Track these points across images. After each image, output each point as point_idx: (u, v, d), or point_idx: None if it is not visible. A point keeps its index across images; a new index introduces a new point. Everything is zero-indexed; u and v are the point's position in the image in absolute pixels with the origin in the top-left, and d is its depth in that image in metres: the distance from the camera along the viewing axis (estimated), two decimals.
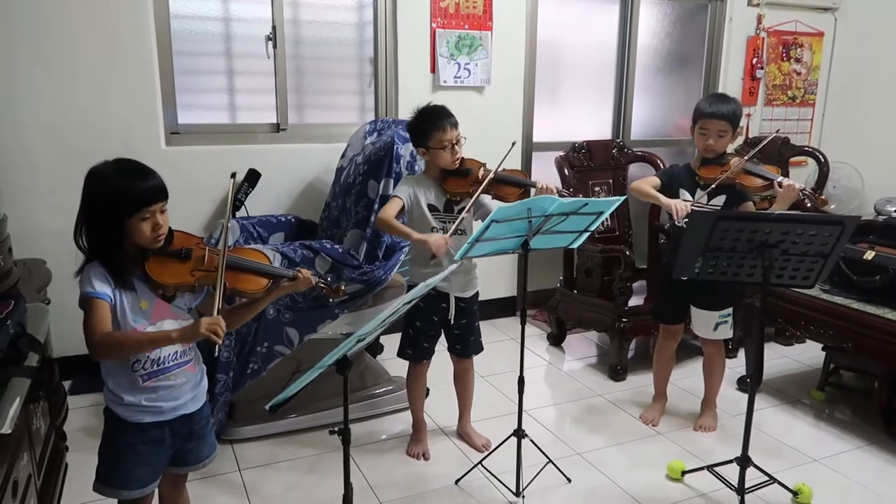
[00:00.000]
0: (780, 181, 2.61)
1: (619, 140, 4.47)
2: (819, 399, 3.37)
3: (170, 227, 1.71)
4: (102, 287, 1.61)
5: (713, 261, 2.22)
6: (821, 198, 2.71)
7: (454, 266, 2.19)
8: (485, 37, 4.02)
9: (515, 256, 4.33)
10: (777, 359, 3.87)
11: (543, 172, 4.34)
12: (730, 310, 2.89)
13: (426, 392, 2.95)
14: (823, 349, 3.39)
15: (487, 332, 2.85)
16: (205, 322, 1.58)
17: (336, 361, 1.73)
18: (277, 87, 3.72)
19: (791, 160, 4.66)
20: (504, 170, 2.60)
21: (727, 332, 2.93)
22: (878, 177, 4.87)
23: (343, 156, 3.44)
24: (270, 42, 3.65)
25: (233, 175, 1.85)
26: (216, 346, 1.61)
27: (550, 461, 2.64)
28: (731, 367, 3.64)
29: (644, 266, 4.21)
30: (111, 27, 3.22)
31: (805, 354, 3.89)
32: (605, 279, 3.79)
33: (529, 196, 2.45)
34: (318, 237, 3.29)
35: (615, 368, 3.59)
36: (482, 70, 4.04)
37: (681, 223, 2.61)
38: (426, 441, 2.85)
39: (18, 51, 3.09)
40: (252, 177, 3.52)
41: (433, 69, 3.94)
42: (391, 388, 3.16)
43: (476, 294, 2.74)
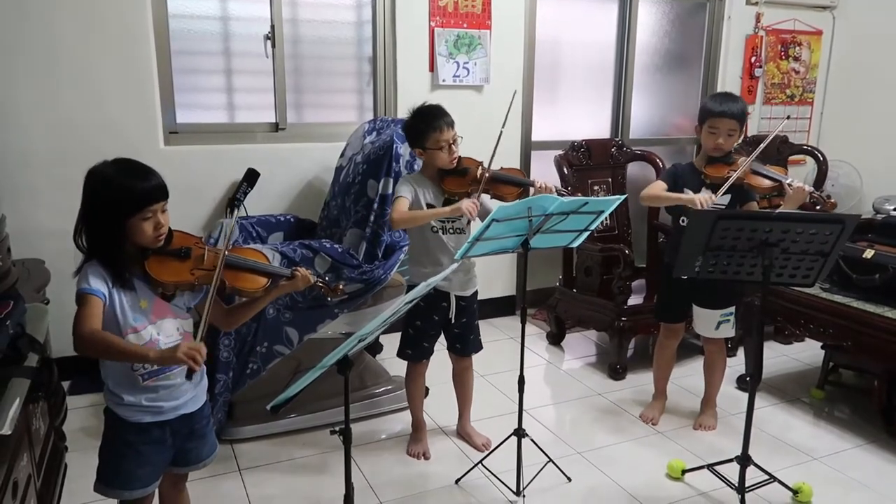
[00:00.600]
0: (790, 183, 2.59)
1: (618, 139, 4.47)
2: (818, 398, 3.38)
3: (169, 227, 1.71)
4: (98, 284, 1.61)
5: (713, 259, 2.22)
6: (830, 201, 2.62)
7: (455, 265, 2.19)
8: (483, 36, 4.02)
9: (514, 255, 4.34)
10: (776, 357, 3.87)
11: (542, 171, 4.34)
12: (732, 308, 2.89)
13: (426, 391, 2.95)
14: (823, 348, 3.39)
15: (486, 332, 2.85)
16: (184, 346, 1.55)
17: (337, 361, 1.73)
18: (276, 87, 3.71)
19: (790, 158, 4.66)
20: (502, 169, 2.60)
21: (729, 331, 2.93)
22: (877, 175, 4.88)
23: (342, 155, 3.43)
24: (269, 41, 3.65)
25: (234, 196, 1.84)
26: (192, 374, 1.59)
27: (551, 460, 2.64)
28: (731, 366, 3.63)
29: (643, 265, 4.21)
30: (109, 27, 3.21)
31: (804, 353, 3.89)
32: (605, 278, 3.79)
33: (528, 195, 2.44)
34: (318, 236, 3.28)
35: (615, 367, 3.59)
36: (481, 69, 4.04)
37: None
38: (426, 440, 2.85)
39: (16, 50, 3.08)
40: (251, 176, 3.51)
41: (432, 68, 3.94)
42: (391, 388, 3.16)
43: (476, 293, 2.74)
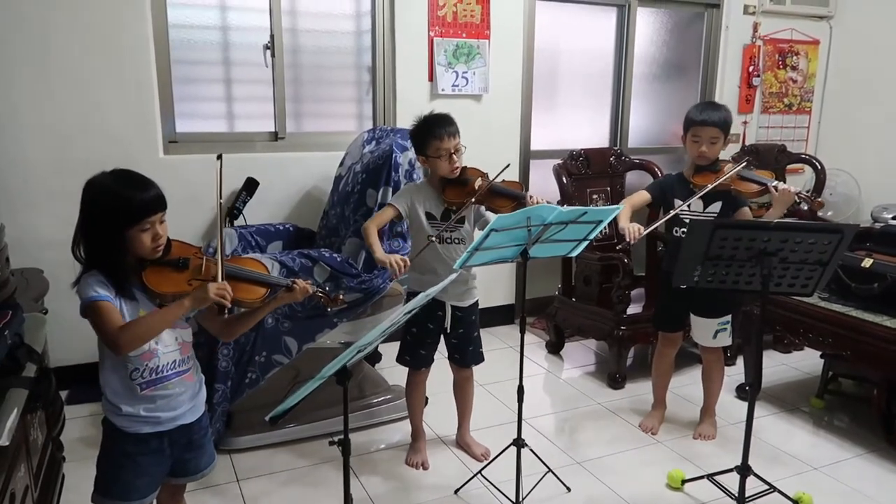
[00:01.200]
0: (776, 185, 2.64)
1: (617, 148, 4.48)
2: (818, 407, 3.37)
3: (168, 237, 1.71)
4: (104, 291, 1.61)
5: (712, 269, 2.22)
6: (817, 200, 2.73)
7: (454, 275, 2.19)
8: (482, 45, 4.03)
9: (513, 265, 4.34)
10: (776, 366, 3.86)
11: (541, 180, 4.35)
12: (729, 317, 2.90)
13: (425, 401, 2.94)
14: (822, 357, 3.38)
15: (486, 341, 2.84)
16: (213, 286, 1.63)
17: (336, 372, 1.72)
18: (276, 96, 3.72)
19: (788, 167, 4.67)
20: (502, 182, 2.61)
21: (726, 340, 2.93)
22: (875, 184, 4.89)
23: (341, 164, 3.44)
24: (269, 51, 3.66)
25: (219, 157, 1.83)
26: (225, 311, 1.67)
27: (550, 470, 2.63)
28: (730, 375, 3.63)
29: (642, 274, 4.21)
30: (109, 36, 3.22)
31: (803, 362, 3.89)
32: (604, 287, 3.79)
33: (523, 207, 2.44)
34: (317, 246, 3.28)
35: (614, 376, 3.58)
36: (480, 78, 4.05)
37: (632, 245, 2.60)
38: (425, 450, 2.84)
39: (16, 60, 3.08)
40: (250, 185, 3.52)
41: (431, 77, 3.95)
42: (389, 398, 3.15)
43: (475, 304, 2.72)
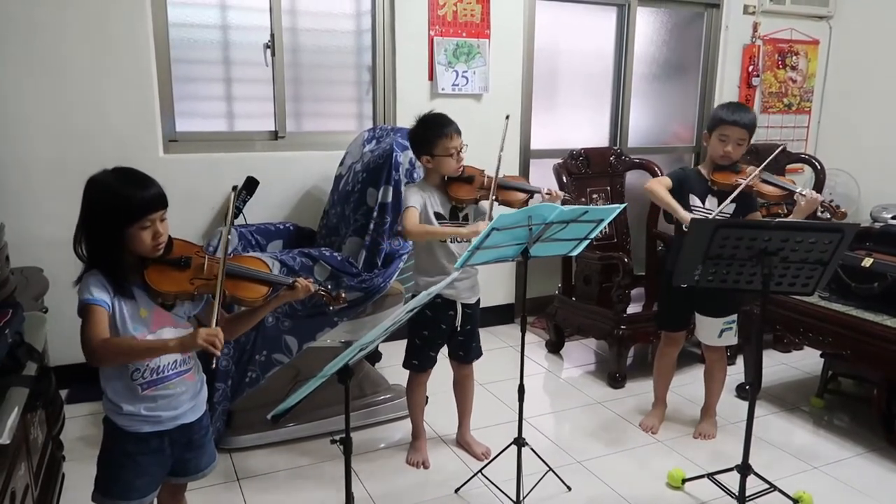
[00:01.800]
0: (802, 191, 2.59)
1: (617, 147, 4.48)
2: (818, 406, 3.38)
3: (169, 236, 1.71)
4: (101, 294, 1.61)
5: (713, 268, 2.22)
6: (840, 211, 2.58)
7: (455, 274, 2.19)
8: (482, 45, 4.03)
9: (513, 264, 4.34)
10: (776, 366, 3.87)
11: (541, 180, 4.33)
12: (734, 316, 2.89)
13: (426, 400, 2.94)
14: (822, 356, 3.38)
15: (486, 340, 2.85)
16: (203, 332, 1.56)
17: (338, 370, 1.72)
18: (276, 95, 3.72)
19: (787, 167, 4.67)
20: (506, 176, 2.63)
21: (732, 339, 2.93)
22: (874, 184, 4.89)
23: (341, 163, 3.44)
24: (269, 50, 3.66)
25: (234, 188, 1.84)
26: (213, 358, 1.59)
27: (550, 469, 2.63)
28: (730, 375, 3.62)
29: (642, 273, 4.21)
30: (109, 35, 3.22)
31: (803, 361, 3.89)
32: (604, 286, 3.79)
33: (535, 202, 2.46)
34: (317, 245, 3.28)
35: (614, 376, 3.58)
36: (480, 78, 4.05)
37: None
38: (426, 449, 2.84)
39: (16, 59, 3.08)
40: (250, 184, 3.51)
41: (431, 77, 3.95)
42: (390, 397, 3.15)
43: (478, 300, 2.75)
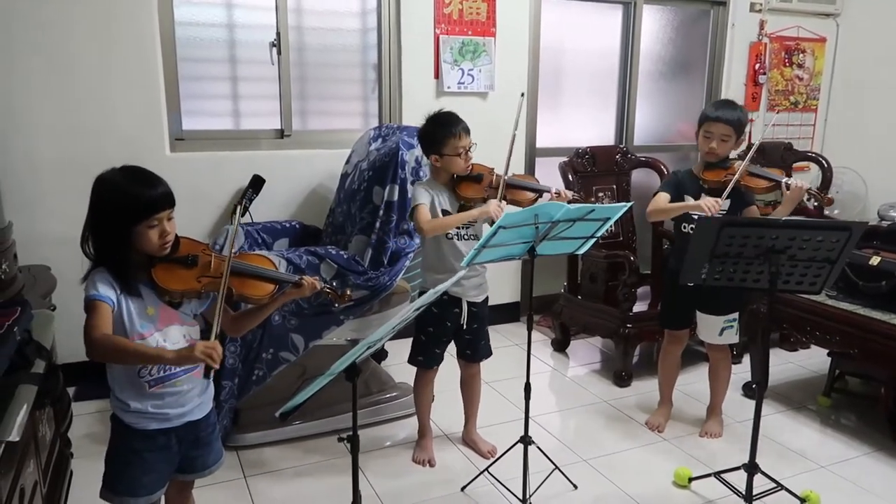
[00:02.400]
0: (787, 182, 2.63)
1: (623, 145, 4.47)
2: (825, 405, 3.37)
3: (176, 234, 1.71)
4: (106, 291, 1.61)
5: (720, 267, 2.21)
6: (827, 197, 2.71)
7: (462, 272, 2.19)
8: (488, 43, 4.03)
9: (519, 262, 4.33)
10: (782, 365, 3.86)
11: (547, 178, 4.31)
12: (735, 314, 2.89)
13: (432, 398, 2.95)
14: (829, 355, 3.37)
15: (492, 338, 2.84)
16: (200, 346, 1.55)
17: (345, 368, 1.73)
18: (281, 94, 3.73)
19: (794, 165, 4.66)
20: (515, 175, 2.64)
21: (733, 337, 2.93)
22: (882, 182, 4.87)
23: (347, 162, 3.44)
24: (274, 48, 3.66)
25: (240, 202, 1.85)
26: (211, 371, 1.58)
27: (557, 468, 2.63)
28: (737, 373, 3.62)
29: (648, 272, 4.20)
30: (116, 34, 3.23)
31: (810, 360, 3.88)
32: (610, 285, 3.79)
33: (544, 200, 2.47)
34: (323, 243, 3.29)
35: (620, 374, 3.58)
36: (486, 76, 4.05)
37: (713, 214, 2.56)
38: (432, 447, 2.84)
39: (23, 58, 3.09)
40: (256, 183, 3.52)
41: (437, 75, 3.95)
42: (396, 395, 3.15)
43: (486, 299, 2.75)
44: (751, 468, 2.34)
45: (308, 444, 2.90)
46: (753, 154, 2.74)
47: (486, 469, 2.64)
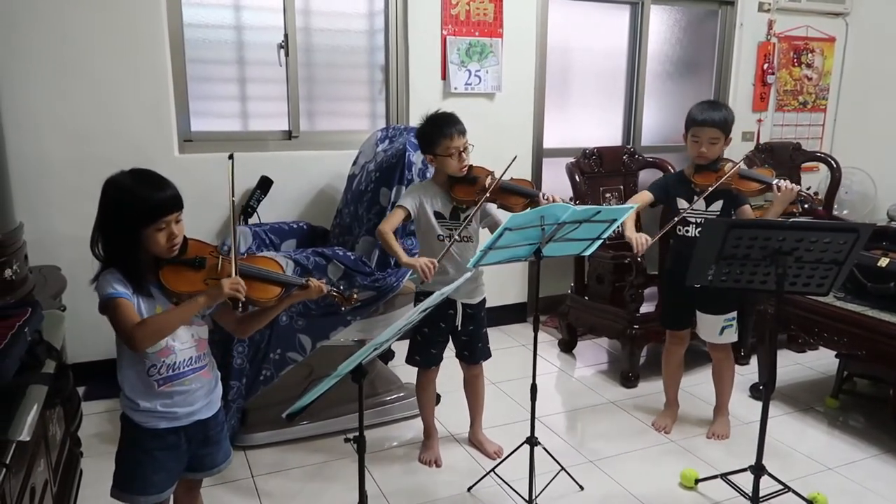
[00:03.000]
0: (778, 184, 2.63)
1: (630, 146, 4.46)
2: (833, 407, 3.35)
3: (184, 236, 1.73)
4: (123, 289, 1.64)
5: (726, 268, 2.21)
6: (817, 198, 2.73)
7: (468, 274, 2.19)
8: (495, 44, 4.03)
9: (526, 263, 4.33)
10: (790, 366, 3.84)
11: (554, 179, 4.35)
12: (734, 313, 2.89)
13: (437, 399, 2.96)
14: (837, 356, 3.36)
15: (498, 339, 2.86)
16: (227, 282, 1.65)
17: (352, 369, 1.74)
18: (289, 95, 3.74)
19: (803, 166, 4.64)
20: (512, 179, 2.61)
21: (732, 336, 2.93)
22: (891, 182, 4.85)
23: (355, 163, 3.45)
24: (282, 50, 3.68)
25: (230, 156, 1.88)
26: (239, 303, 1.67)
27: (563, 469, 2.64)
28: (744, 375, 3.63)
29: (655, 272, 4.19)
30: (125, 36, 3.25)
31: (818, 362, 3.86)
32: (617, 286, 3.78)
33: (536, 206, 2.45)
34: (330, 244, 3.30)
35: (627, 375, 3.58)
36: (493, 77, 4.05)
37: (640, 257, 2.67)
38: (437, 448, 2.85)
39: (34, 60, 3.12)
40: (264, 184, 3.54)
41: (444, 76, 3.96)
42: (402, 395, 3.16)
43: (483, 300, 2.74)
44: (757, 470, 2.33)
45: (315, 444, 2.92)
46: (748, 158, 2.75)
47: (493, 469, 2.65)
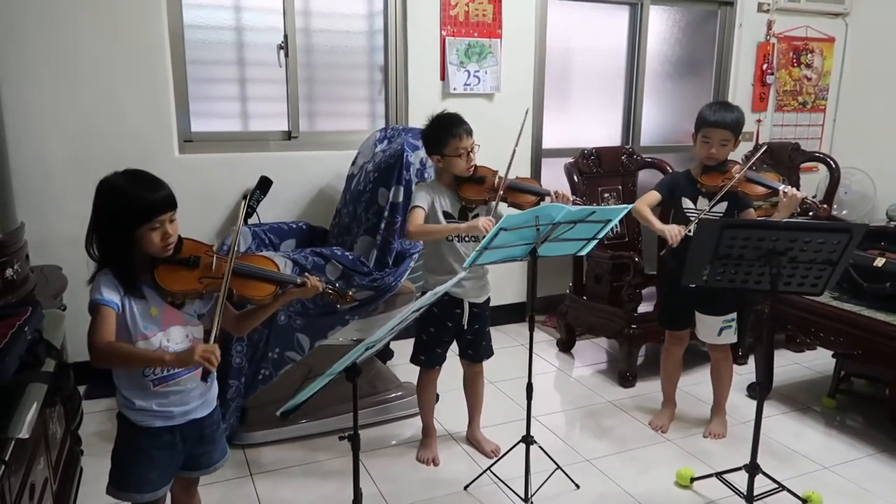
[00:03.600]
0: (784, 189, 2.63)
1: (629, 146, 4.47)
2: (830, 406, 3.36)
3: (180, 235, 1.74)
4: (110, 295, 1.65)
5: (721, 268, 2.22)
6: (823, 206, 2.71)
7: (463, 273, 2.21)
8: (494, 44, 4.05)
9: (525, 263, 4.34)
10: (788, 366, 3.85)
11: (553, 179, 4.35)
12: (734, 314, 2.90)
13: (436, 398, 2.97)
14: (834, 356, 3.37)
15: (497, 339, 2.87)
16: (199, 349, 1.59)
17: (346, 368, 1.75)
18: (289, 95, 3.76)
19: (802, 166, 4.64)
20: (518, 178, 2.65)
21: (731, 337, 2.94)
22: (890, 182, 4.85)
23: (354, 163, 3.47)
24: (282, 51, 3.70)
25: (245, 195, 1.89)
26: (208, 375, 1.64)
27: (559, 467, 2.65)
28: (742, 374, 3.64)
29: (653, 272, 4.20)
30: (126, 37, 3.27)
31: (816, 361, 3.87)
32: (615, 285, 3.80)
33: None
34: (329, 244, 3.32)
35: (624, 375, 3.59)
36: (492, 77, 4.07)
37: (675, 246, 2.62)
38: (436, 446, 2.87)
39: (36, 61, 3.14)
40: (264, 184, 3.55)
41: (443, 77, 3.97)
42: (401, 394, 3.18)
43: (488, 299, 2.76)
44: (752, 469, 2.35)
45: (314, 443, 2.94)
46: (755, 160, 2.75)
47: (489, 468, 2.66)
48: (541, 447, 2.65)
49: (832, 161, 4.58)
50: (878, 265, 2.98)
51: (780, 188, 2.65)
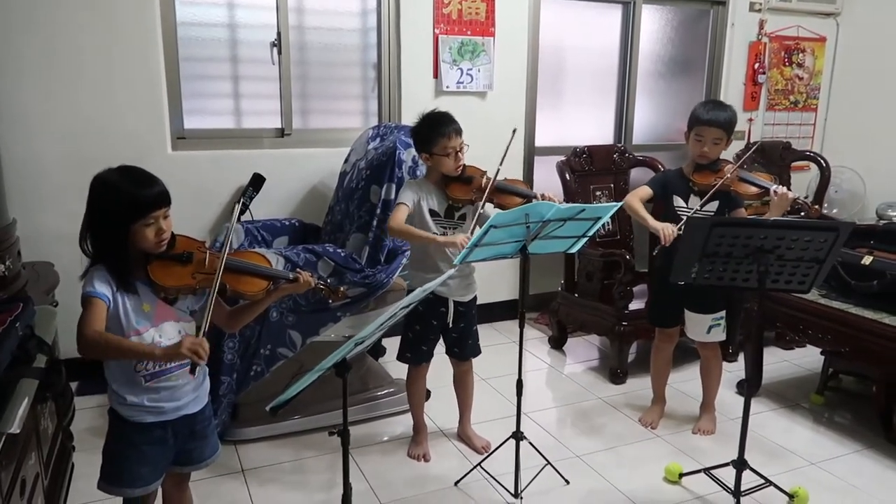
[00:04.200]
0: (776, 189, 2.65)
1: (621, 144, 4.49)
2: (818, 403, 3.39)
3: (172, 232, 1.75)
4: (102, 288, 1.65)
5: (709, 266, 2.24)
6: (814, 207, 2.75)
7: (452, 270, 2.22)
8: (487, 42, 4.06)
9: (517, 260, 4.36)
10: (777, 363, 3.88)
11: (545, 177, 4.37)
12: (722, 312, 2.92)
13: (427, 394, 2.99)
14: (822, 353, 3.40)
15: (489, 335, 2.89)
16: (187, 342, 1.59)
17: (335, 364, 1.77)
18: (282, 93, 3.77)
19: (793, 165, 4.67)
20: (506, 179, 2.65)
21: (720, 335, 2.96)
22: (881, 181, 4.89)
23: (346, 160, 3.48)
24: (275, 48, 3.70)
25: (239, 200, 1.90)
26: (196, 368, 1.64)
27: (549, 463, 2.67)
28: (732, 371, 3.67)
29: (645, 270, 4.22)
30: (119, 34, 3.27)
31: (805, 359, 3.90)
32: (606, 283, 3.82)
33: None
34: (322, 241, 3.33)
35: (615, 371, 3.62)
36: (485, 75, 4.08)
37: (667, 245, 2.63)
38: (426, 443, 2.88)
39: (28, 58, 3.14)
40: (257, 181, 3.56)
41: (436, 74, 3.98)
42: (392, 391, 3.19)
43: (474, 298, 2.77)
44: (739, 464, 2.37)
45: (305, 439, 2.95)
46: (747, 159, 2.77)
47: (480, 464, 2.68)
48: (531, 443, 2.67)
49: (823, 160, 4.61)
50: (866, 263, 3.01)
51: (772, 188, 2.67)
